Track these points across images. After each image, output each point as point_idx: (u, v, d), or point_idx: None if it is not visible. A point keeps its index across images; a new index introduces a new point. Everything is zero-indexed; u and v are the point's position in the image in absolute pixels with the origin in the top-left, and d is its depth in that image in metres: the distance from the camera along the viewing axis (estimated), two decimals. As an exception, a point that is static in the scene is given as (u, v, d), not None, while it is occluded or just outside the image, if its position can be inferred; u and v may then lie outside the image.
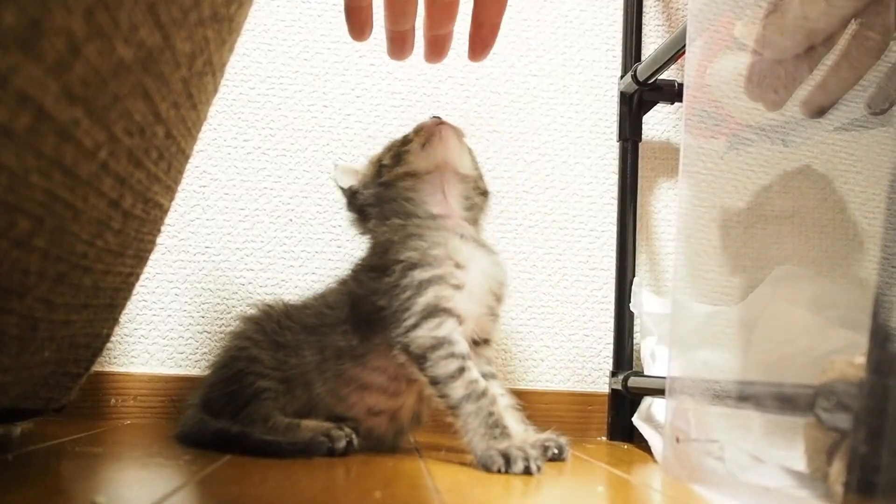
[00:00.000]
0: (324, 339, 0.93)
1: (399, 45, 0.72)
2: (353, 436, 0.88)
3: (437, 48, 0.72)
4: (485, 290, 0.92)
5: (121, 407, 1.19)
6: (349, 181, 1.02)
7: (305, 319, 0.95)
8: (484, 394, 0.82)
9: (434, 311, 0.85)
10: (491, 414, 0.81)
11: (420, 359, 0.85)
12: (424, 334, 0.85)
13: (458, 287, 0.88)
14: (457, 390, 0.82)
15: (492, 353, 0.98)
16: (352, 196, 1.01)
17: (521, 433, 0.92)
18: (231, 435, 0.87)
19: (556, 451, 0.91)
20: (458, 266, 0.89)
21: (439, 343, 0.84)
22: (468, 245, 0.92)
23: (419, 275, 0.87)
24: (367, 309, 0.90)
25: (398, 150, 0.98)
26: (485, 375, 0.95)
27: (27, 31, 0.41)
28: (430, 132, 0.97)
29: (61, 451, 0.84)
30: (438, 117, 1.00)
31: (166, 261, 1.23)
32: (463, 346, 0.85)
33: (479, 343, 0.95)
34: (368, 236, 1.00)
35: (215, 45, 0.55)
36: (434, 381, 0.84)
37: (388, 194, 0.97)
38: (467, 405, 0.81)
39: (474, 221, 0.99)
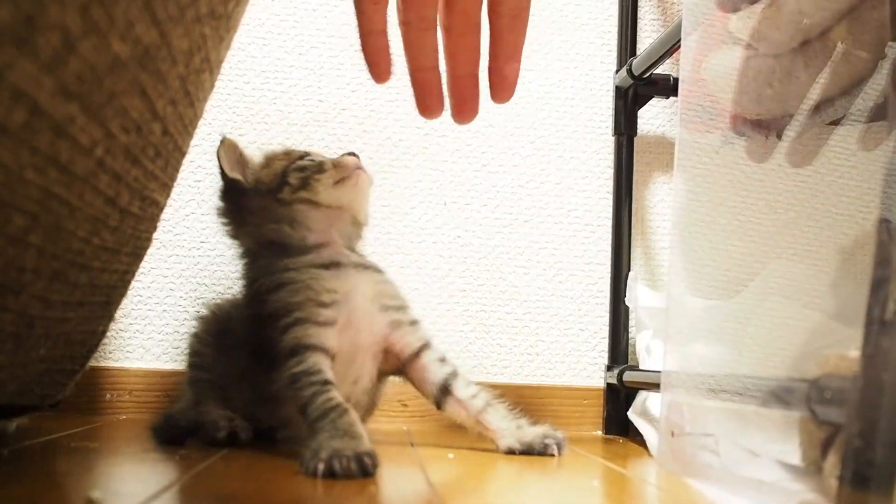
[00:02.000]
0: (239, 354, 0.95)
1: (424, 92, 0.62)
2: (242, 430, 0.90)
3: (460, 97, 0.62)
4: (372, 312, 0.91)
5: (116, 402, 1.18)
6: (234, 168, 0.96)
7: (233, 328, 0.98)
8: (334, 409, 0.79)
9: (295, 350, 0.85)
10: (334, 422, 0.77)
11: (287, 389, 0.83)
12: (286, 373, 0.83)
13: (326, 324, 0.87)
14: (311, 413, 0.79)
15: (439, 354, 0.94)
16: (235, 192, 0.96)
17: (514, 430, 0.91)
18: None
19: (554, 448, 0.90)
20: (323, 305, 0.88)
21: (297, 378, 0.83)
22: (344, 273, 0.91)
23: (283, 321, 0.86)
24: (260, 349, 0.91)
25: (309, 176, 0.93)
26: (445, 381, 0.91)
27: (22, 26, 0.41)
28: (348, 172, 0.94)
29: (57, 447, 0.84)
30: (357, 157, 0.97)
31: (161, 256, 1.23)
32: (324, 376, 0.83)
33: (416, 355, 0.92)
34: (236, 242, 0.98)
35: (213, 43, 0.55)
36: (299, 413, 0.82)
37: (279, 213, 0.93)
38: (320, 423, 0.78)
39: (351, 248, 0.98)
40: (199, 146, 1.24)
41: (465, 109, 0.63)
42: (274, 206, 0.93)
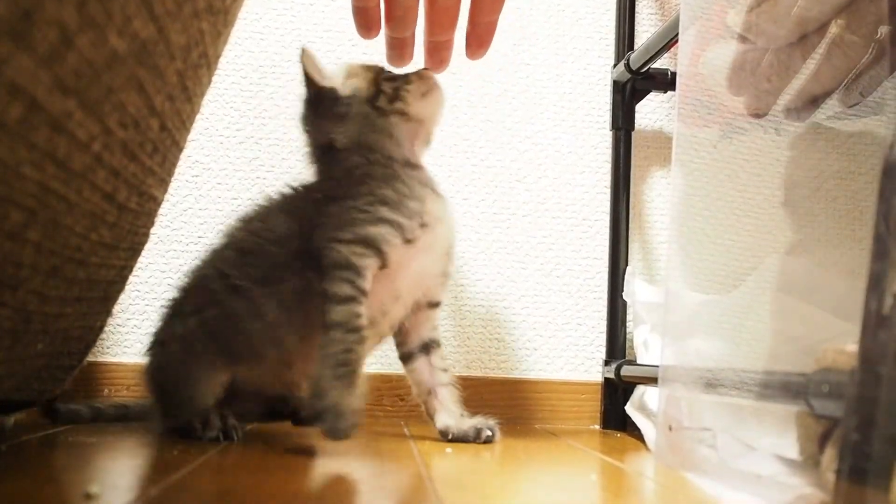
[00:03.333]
0: (280, 287, 0.86)
1: (398, 51, 0.70)
2: (234, 431, 0.86)
3: (436, 56, 0.70)
4: (442, 251, 0.92)
5: (114, 397, 1.18)
6: (324, 80, 0.93)
7: (253, 271, 0.88)
8: (355, 330, 0.80)
9: (372, 243, 0.84)
10: (349, 350, 0.79)
11: (325, 270, 0.83)
12: (344, 252, 0.83)
13: (410, 242, 0.86)
14: (336, 314, 0.80)
15: (438, 317, 0.97)
16: (329, 100, 0.92)
17: (457, 417, 0.94)
18: None
19: (489, 433, 0.93)
20: (423, 225, 0.88)
21: (348, 265, 0.82)
22: (440, 202, 0.92)
23: (384, 211, 0.85)
24: (318, 237, 0.86)
25: (400, 86, 0.93)
26: (430, 342, 0.95)
27: (19, 21, 0.41)
28: (431, 84, 0.94)
29: (54, 442, 0.84)
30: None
31: (159, 251, 1.23)
32: (365, 284, 0.83)
33: (430, 305, 0.95)
34: (325, 145, 0.92)
35: (210, 38, 0.55)
36: (324, 294, 0.82)
37: (377, 122, 0.92)
38: (336, 332, 0.79)
39: None
40: (197, 141, 1.24)
41: (439, 64, 0.76)
42: (373, 115, 0.92)
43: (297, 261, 0.86)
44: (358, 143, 0.91)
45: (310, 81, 0.93)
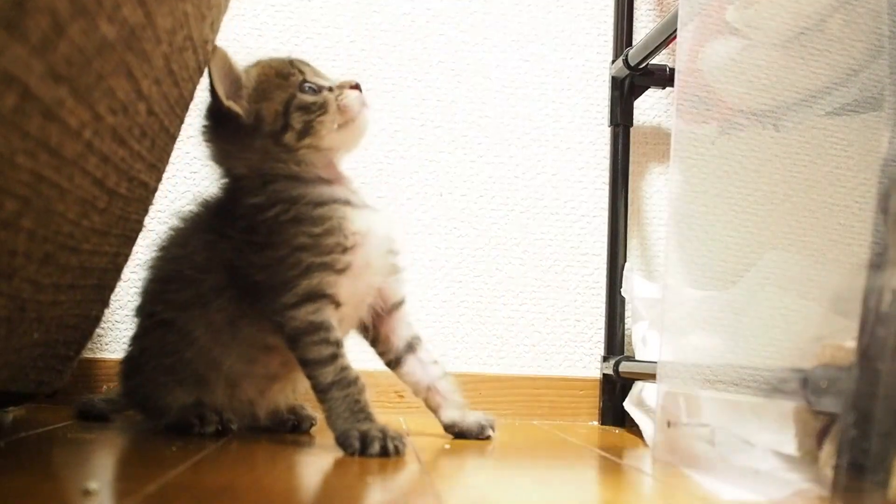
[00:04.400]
0: (208, 308, 0.86)
1: None
2: (230, 423, 0.87)
3: None
4: (382, 255, 0.89)
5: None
6: (229, 93, 0.88)
7: (175, 297, 0.88)
8: (353, 382, 0.80)
9: (314, 296, 0.83)
10: (357, 402, 0.79)
11: (292, 339, 0.82)
12: (301, 317, 0.82)
13: (342, 271, 0.84)
14: (326, 376, 0.80)
15: (410, 316, 0.95)
16: (232, 122, 0.87)
17: (462, 410, 0.93)
18: None
19: (490, 431, 0.93)
20: (345, 250, 0.85)
21: (314, 328, 0.82)
22: (361, 213, 0.88)
23: (307, 258, 0.83)
24: (244, 282, 0.85)
25: (312, 119, 0.87)
26: (412, 340, 0.93)
27: (11, 10, 0.41)
28: (353, 115, 0.90)
29: (53, 438, 0.84)
30: (360, 88, 0.92)
31: (157, 247, 1.22)
32: (337, 334, 0.83)
33: (396, 306, 0.93)
34: (223, 168, 0.90)
35: (195, 20, 0.55)
36: (304, 363, 0.82)
37: (281, 155, 0.87)
38: (335, 391, 0.80)
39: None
40: (195, 137, 1.23)
41: None
42: (276, 150, 0.87)
43: (227, 290, 0.86)
44: (259, 171, 0.87)
45: (214, 93, 0.87)
